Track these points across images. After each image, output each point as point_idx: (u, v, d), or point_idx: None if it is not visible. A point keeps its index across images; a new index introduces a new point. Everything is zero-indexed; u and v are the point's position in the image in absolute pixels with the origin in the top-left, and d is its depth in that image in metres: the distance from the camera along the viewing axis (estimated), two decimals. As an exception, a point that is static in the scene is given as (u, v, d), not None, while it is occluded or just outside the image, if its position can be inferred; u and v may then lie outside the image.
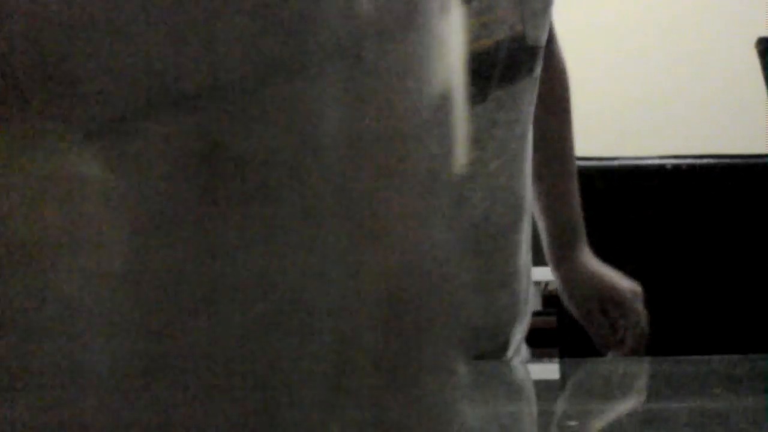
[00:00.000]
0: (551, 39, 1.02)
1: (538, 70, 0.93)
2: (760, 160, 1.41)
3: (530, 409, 0.78)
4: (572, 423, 0.69)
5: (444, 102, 0.21)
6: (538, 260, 1.14)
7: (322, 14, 0.18)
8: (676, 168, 1.37)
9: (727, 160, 1.42)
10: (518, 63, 0.87)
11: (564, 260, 1.10)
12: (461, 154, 0.22)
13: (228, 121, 0.17)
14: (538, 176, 1.05)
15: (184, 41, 0.17)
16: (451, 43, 0.21)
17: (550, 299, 1.17)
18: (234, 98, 0.17)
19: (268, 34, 0.17)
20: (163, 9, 0.17)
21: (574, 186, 1.08)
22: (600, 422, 0.73)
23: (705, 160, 1.41)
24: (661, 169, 1.37)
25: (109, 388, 0.18)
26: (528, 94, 0.91)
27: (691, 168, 1.39)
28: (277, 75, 0.17)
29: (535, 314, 1.64)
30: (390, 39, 0.19)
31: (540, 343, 1.39)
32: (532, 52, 0.89)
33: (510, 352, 1.04)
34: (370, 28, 0.19)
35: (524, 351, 1.12)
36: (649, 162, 1.39)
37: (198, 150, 0.17)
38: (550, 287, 1.15)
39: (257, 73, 0.17)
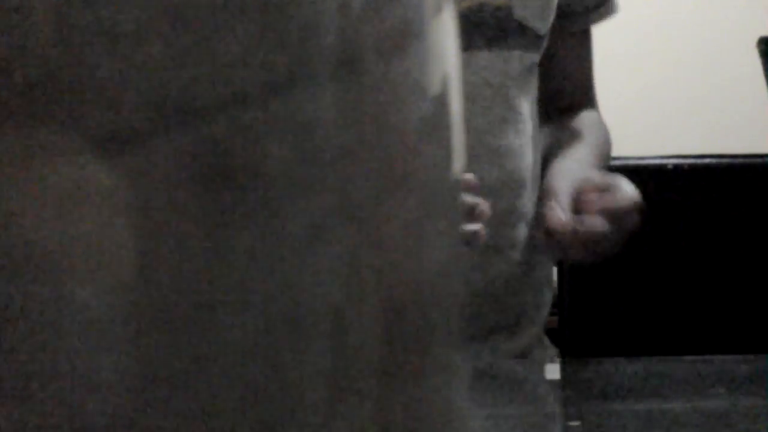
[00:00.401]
0: (592, 102, 1.06)
1: (533, 54, 0.97)
2: (760, 160, 1.41)
3: (531, 409, 0.78)
4: (573, 423, 0.69)
5: (441, 109, 0.22)
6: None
7: (322, 31, 0.18)
8: (677, 168, 1.37)
9: (728, 160, 1.42)
10: (506, 32, 0.92)
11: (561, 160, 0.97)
12: (459, 161, 0.23)
13: (233, 134, 0.18)
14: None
15: (190, 56, 0.17)
16: (446, 48, 0.22)
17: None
18: (238, 112, 0.18)
19: (270, 50, 0.18)
20: (171, 25, 0.17)
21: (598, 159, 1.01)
22: (600, 422, 0.73)
23: (706, 160, 1.41)
24: (661, 169, 1.37)
25: (114, 392, 0.18)
26: (521, 69, 0.95)
27: (692, 168, 1.39)
28: (280, 89, 0.18)
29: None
30: (389, 54, 0.19)
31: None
32: (522, 30, 0.94)
33: (524, 338, 1.02)
34: (370, 45, 0.19)
35: (549, 348, 1.09)
36: (650, 162, 1.39)
37: (204, 162, 0.18)
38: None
39: (260, 87, 0.18)
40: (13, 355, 0.18)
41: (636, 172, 1.29)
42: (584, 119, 1.07)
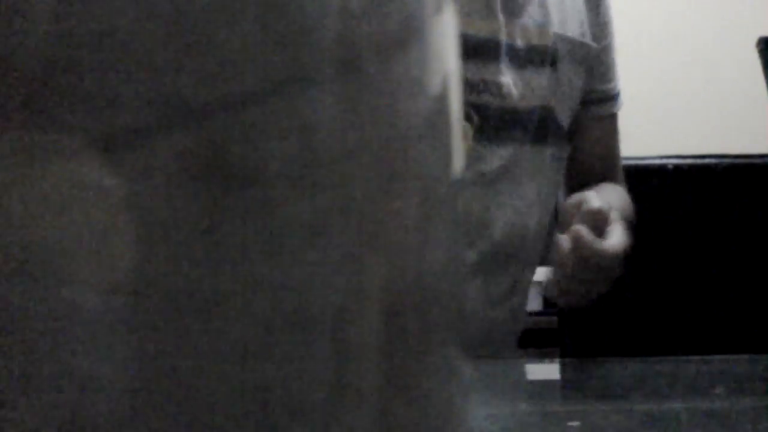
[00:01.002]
0: (617, 178, 1.16)
1: (562, 150, 1.06)
2: (760, 160, 1.41)
3: (531, 409, 0.78)
4: (573, 423, 0.69)
5: (441, 110, 0.22)
6: (540, 260, 1.15)
7: (322, 31, 0.18)
8: (677, 168, 1.37)
9: (728, 160, 1.42)
10: (546, 130, 1.02)
11: None
12: (459, 163, 0.23)
13: (232, 134, 0.18)
14: None
15: (190, 55, 0.17)
16: (446, 48, 0.22)
17: (550, 299, 1.17)
18: (237, 112, 0.18)
19: (269, 49, 0.18)
20: (171, 25, 0.17)
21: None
22: (600, 422, 0.73)
23: (706, 160, 1.41)
24: (662, 169, 1.37)
25: (115, 393, 0.18)
26: (551, 160, 1.05)
27: (692, 168, 1.39)
28: (279, 89, 0.18)
29: (536, 314, 1.64)
30: (389, 55, 0.19)
31: (540, 343, 1.39)
32: (557, 129, 1.04)
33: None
34: (369, 45, 0.19)
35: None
36: (650, 162, 1.39)
37: (203, 162, 0.18)
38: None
39: (260, 86, 0.18)
40: (12, 355, 0.18)
41: (636, 172, 1.30)
42: (607, 185, 1.12)
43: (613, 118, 1.16)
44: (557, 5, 1.00)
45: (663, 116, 2.98)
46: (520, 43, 0.96)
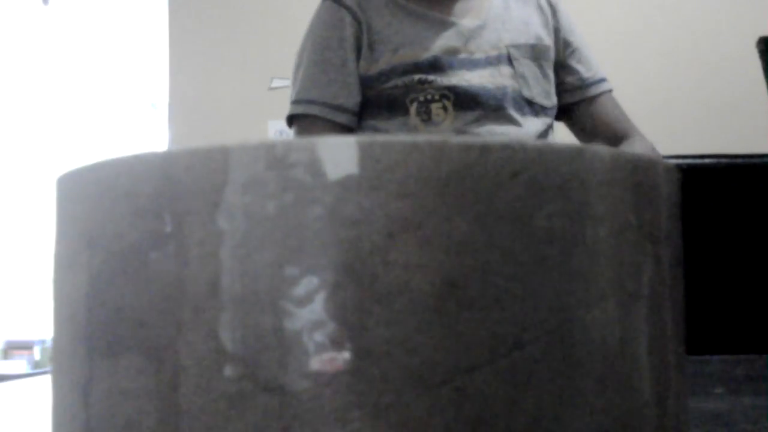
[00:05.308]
0: (636, 130, 1.41)
1: (544, 119, 1.34)
2: (760, 160, 1.41)
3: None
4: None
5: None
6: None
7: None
8: (677, 168, 1.37)
9: (727, 160, 1.42)
10: (521, 103, 1.33)
11: None
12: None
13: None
14: None
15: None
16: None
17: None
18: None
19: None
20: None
21: None
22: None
23: (705, 160, 1.41)
24: (661, 169, 1.37)
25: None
26: (539, 124, 1.33)
27: (692, 168, 1.39)
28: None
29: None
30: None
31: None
32: (530, 103, 1.33)
33: None
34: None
35: None
36: (650, 162, 1.39)
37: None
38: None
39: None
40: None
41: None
42: (634, 139, 1.36)
43: (609, 94, 1.40)
44: (506, 27, 1.37)
45: (663, 116, 2.99)
46: (479, 55, 1.35)
